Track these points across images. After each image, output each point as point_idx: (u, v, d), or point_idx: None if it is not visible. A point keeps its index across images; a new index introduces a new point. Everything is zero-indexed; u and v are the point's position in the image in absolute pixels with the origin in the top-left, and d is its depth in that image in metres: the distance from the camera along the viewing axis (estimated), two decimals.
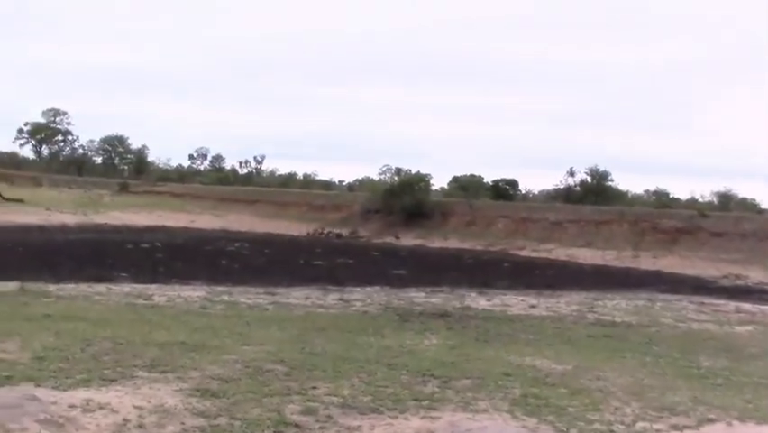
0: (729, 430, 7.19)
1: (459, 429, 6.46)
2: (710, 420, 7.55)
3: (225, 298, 15.91)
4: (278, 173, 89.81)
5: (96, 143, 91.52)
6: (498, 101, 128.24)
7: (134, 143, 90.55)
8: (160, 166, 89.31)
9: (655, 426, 7.28)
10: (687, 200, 57.57)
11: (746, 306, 19.59)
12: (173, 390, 7.56)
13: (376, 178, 74.51)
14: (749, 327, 15.53)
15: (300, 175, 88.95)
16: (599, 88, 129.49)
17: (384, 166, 79.32)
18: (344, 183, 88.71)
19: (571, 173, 57.42)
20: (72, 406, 6.58)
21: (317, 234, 46.52)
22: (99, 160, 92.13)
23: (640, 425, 7.29)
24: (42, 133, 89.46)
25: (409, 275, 24.26)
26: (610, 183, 57.15)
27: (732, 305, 19.61)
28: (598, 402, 8.07)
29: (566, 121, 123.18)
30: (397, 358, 9.92)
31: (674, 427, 7.28)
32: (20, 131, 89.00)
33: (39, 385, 7.27)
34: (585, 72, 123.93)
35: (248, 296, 16.45)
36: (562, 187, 58.44)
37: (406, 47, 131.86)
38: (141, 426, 6.32)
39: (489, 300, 18.04)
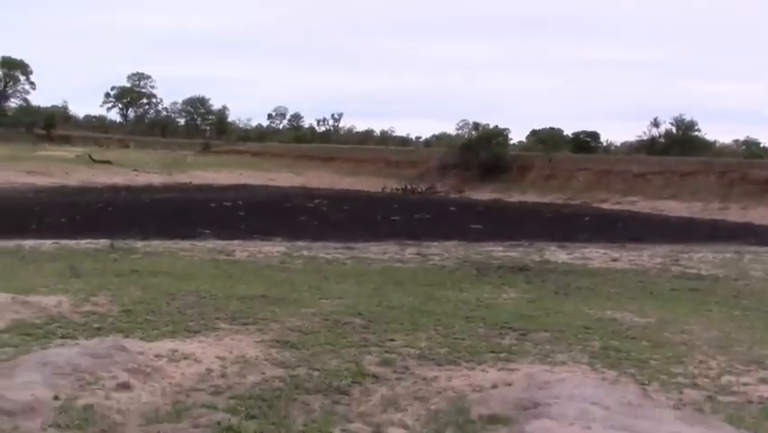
0: None
1: (536, 381, 6.39)
2: None
3: (304, 253, 16.14)
4: (355, 130, 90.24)
5: (178, 106, 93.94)
6: (576, 52, 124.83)
7: (215, 105, 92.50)
8: (240, 126, 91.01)
9: (742, 379, 7.04)
10: None
11: None
12: (254, 341, 7.74)
13: (453, 133, 73.99)
14: None
15: (377, 132, 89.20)
16: (684, 35, 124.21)
17: (461, 121, 78.77)
18: (421, 139, 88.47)
19: (656, 124, 55.65)
20: (158, 356, 6.81)
21: (394, 190, 46.60)
22: (182, 121, 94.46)
23: (726, 378, 7.07)
24: (128, 96, 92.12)
25: (487, 230, 24.07)
26: (696, 133, 55.15)
27: None
28: (682, 356, 7.87)
29: (650, 69, 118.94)
30: (475, 311, 9.89)
31: (763, 380, 7.02)
32: (107, 95, 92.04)
33: (127, 336, 7.57)
34: (668, 19, 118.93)
35: (326, 251, 16.64)
36: (645, 138, 56.79)
37: (483, 1, 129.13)
38: (223, 375, 6.50)
39: (569, 254, 17.75)
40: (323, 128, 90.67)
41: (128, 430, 5.10)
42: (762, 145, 59.84)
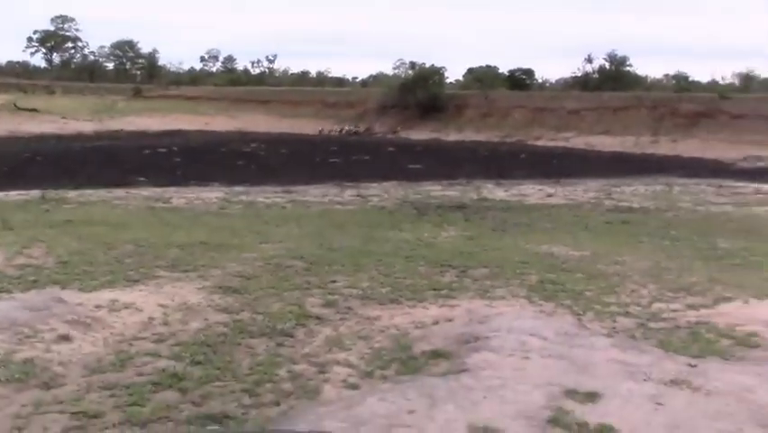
0: (746, 307, 7.24)
1: (476, 316, 6.56)
2: (727, 299, 7.60)
3: (243, 198, 15.99)
4: (290, 72, 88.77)
5: (106, 49, 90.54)
6: None
7: (145, 48, 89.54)
8: (172, 70, 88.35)
9: (672, 306, 7.34)
10: (707, 83, 56.39)
11: (766, 187, 19.45)
12: (195, 288, 7.70)
13: (390, 73, 73.41)
14: None
15: (313, 73, 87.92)
16: None
17: (398, 61, 77.98)
18: (358, 80, 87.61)
19: (589, 60, 56.15)
20: (98, 306, 6.73)
21: (332, 132, 46.28)
22: (110, 66, 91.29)
23: (656, 306, 7.36)
24: (52, 40, 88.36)
25: (425, 169, 24.21)
26: (629, 69, 55.96)
27: (751, 186, 19.49)
28: (615, 286, 8.14)
29: (582, 6, 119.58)
30: (415, 250, 10.00)
31: (690, 306, 7.34)
32: (29, 39, 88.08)
33: (64, 288, 7.43)
34: None
35: (265, 195, 16.53)
36: (579, 74, 57.32)
37: None
38: (166, 323, 6.47)
39: (506, 191, 18.03)
40: (257, 70, 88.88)
41: (70, 381, 5.06)
42: (690, 79, 61.11)
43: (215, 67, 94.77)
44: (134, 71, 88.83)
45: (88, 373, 5.21)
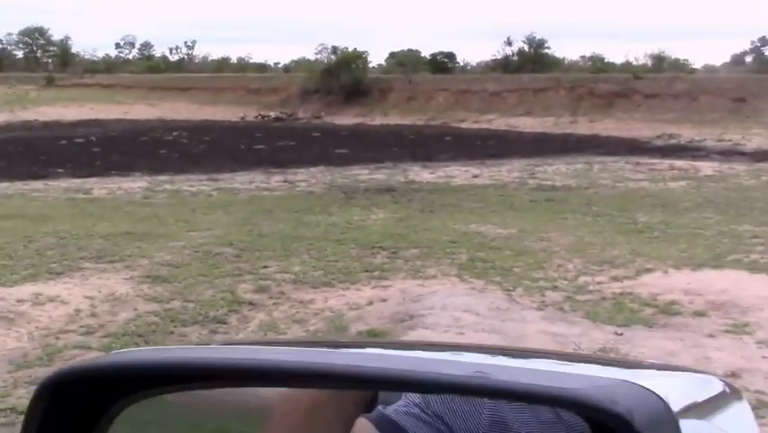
0: (666, 277, 7.53)
1: (410, 295, 6.62)
2: (648, 270, 7.89)
3: (167, 187, 15.68)
4: (210, 59, 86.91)
5: (14, 37, 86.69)
6: None
7: (56, 35, 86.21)
8: (86, 57, 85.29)
9: (597, 278, 7.58)
10: (622, 64, 57.94)
11: (679, 163, 20.19)
12: (123, 278, 7.53)
13: (312, 58, 72.87)
14: (682, 183, 16.07)
15: (234, 59, 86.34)
16: None
17: (320, 45, 77.63)
18: (280, 65, 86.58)
19: (509, 42, 57.12)
20: (21, 300, 6.51)
21: (256, 119, 45.70)
22: (20, 54, 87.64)
23: (582, 279, 7.58)
24: None
25: (351, 153, 24.18)
26: (547, 51, 57.14)
27: (666, 163, 20.19)
28: (542, 261, 8.34)
29: None
30: (346, 234, 10.02)
31: (614, 278, 7.59)
32: None
33: None
34: None
35: (190, 184, 16.24)
36: (499, 57, 58.24)
37: None
38: (93, 314, 6.30)
39: (432, 173, 18.19)
40: (176, 57, 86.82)
41: None
42: (606, 60, 62.79)
43: (132, 54, 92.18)
44: (46, 59, 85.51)
45: (14, 369, 5.04)
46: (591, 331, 5.61)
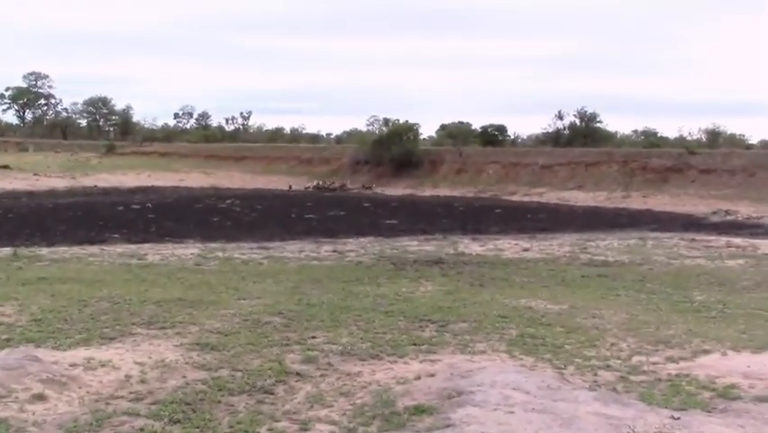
0: (724, 360, 7.30)
1: (458, 371, 6.53)
2: (705, 351, 7.66)
3: (219, 254, 15.92)
4: (264, 129, 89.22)
5: (79, 106, 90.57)
6: (483, 46, 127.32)
7: (118, 104, 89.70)
8: (146, 126, 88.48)
9: (651, 359, 7.39)
10: (675, 139, 57.62)
11: (736, 240, 19.76)
12: (173, 345, 7.61)
13: (364, 129, 74.31)
14: (740, 261, 15.69)
15: (287, 129, 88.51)
16: (585, 31, 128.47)
17: (371, 117, 79.15)
18: (332, 136, 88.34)
19: (560, 116, 57.31)
20: (73, 365, 6.61)
21: (307, 188, 46.42)
22: (84, 122, 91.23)
23: (636, 359, 7.40)
24: (25, 97, 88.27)
25: (401, 224, 24.31)
26: (599, 125, 57.11)
27: (722, 240, 19.78)
28: (594, 339, 8.18)
29: (553, 64, 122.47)
30: (394, 305, 10.01)
31: (670, 359, 7.38)
32: (1, 96, 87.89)
33: (39, 346, 7.30)
34: (569, 14, 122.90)
35: (241, 251, 16.47)
36: (550, 130, 58.39)
37: None
38: (143, 381, 6.36)
39: (482, 246, 18.14)
40: (231, 127, 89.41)
41: None
42: (659, 135, 62.52)
43: (189, 123, 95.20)
44: (108, 128, 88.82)
45: None
46: (646, 414, 5.43)
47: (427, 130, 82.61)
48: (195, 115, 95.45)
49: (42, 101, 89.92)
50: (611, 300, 10.79)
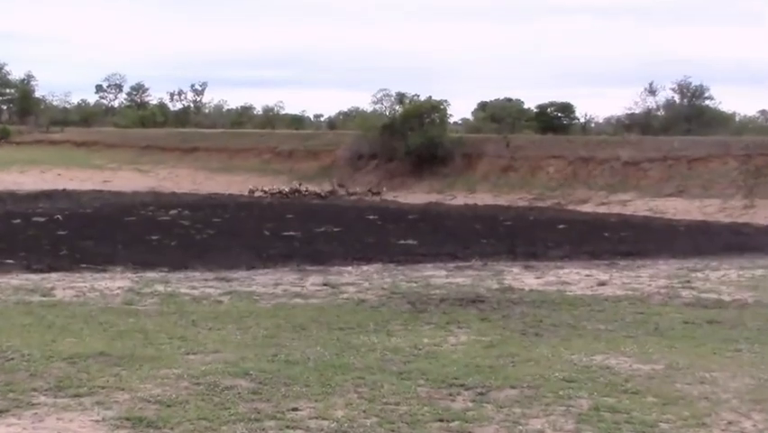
0: None
1: None
2: None
3: (160, 288, 15.96)
4: (226, 108, 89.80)
5: None
6: None
7: (14, 73, 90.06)
8: (55, 104, 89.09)
9: None
10: None
11: None
12: (91, 420, 7.62)
13: (368, 109, 74.40)
14: None
15: (259, 109, 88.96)
16: None
17: (380, 91, 78.99)
18: (323, 119, 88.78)
19: (651, 91, 57.43)
20: None
21: (287, 194, 46.50)
22: None
23: None
24: None
25: (422, 246, 24.29)
26: (708, 102, 57.10)
27: None
28: (703, 415, 8.14)
29: (640, 17, 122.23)
30: (411, 364, 9.99)
31: None
32: None
33: None
34: None
35: (192, 284, 16.50)
36: (638, 111, 58.44)
37: None
38: None
39: (538, 278, 18.12)
40: (179, 105, 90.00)
41: None
42: None
43: (118, 100, 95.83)
44: (0, 106, 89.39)
45: None
46: None
47: (460, 110, 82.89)
48: (125, 89, 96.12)
49: None
50: (728, 358, 10.73)
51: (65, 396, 8.37)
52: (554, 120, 60.83)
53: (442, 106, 54.55)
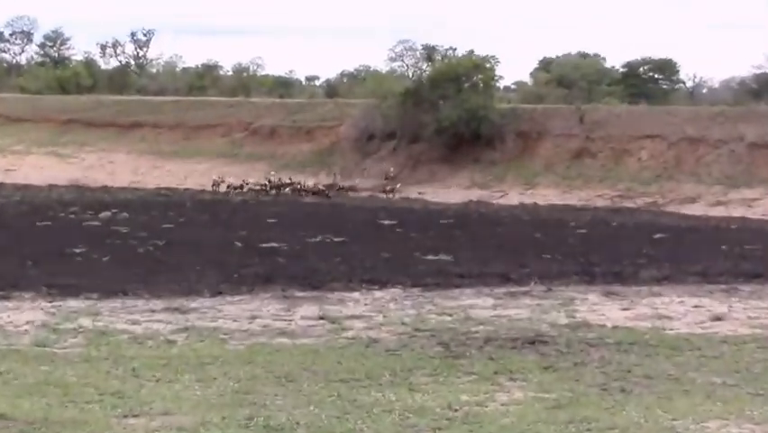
0: None
1: None
2: None
3: (86, 323, 15.99)
4: (182, 66, 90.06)
5: None
6: None
7: None
8: None
9: None
10: None
11: None
12: None
13: (383, 69, 74.37)
14: None
15: (227, 68, 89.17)
16: None
17: (399, 44, 79.10)
18: (318, 83, 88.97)
19: None
20: None
21: (266, 188, 46.48)
22: None
23: None
24: None
25: (460, 263, 24.31)
26: None
27: None
28: None
29: None
30: (444, 432, 9.96)
31: None
32: None
33: None
34: None
35: (132, 317, 16.54)
36: (764, 71, 58.30)
37: None
38: None
39: (626, 309, 18.11)
40: (113, 62, 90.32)
41: None
42: None
43: (26, 54, 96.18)
44: None
45: None
46: None
47: (513, 70, 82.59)
48: (36, 38, 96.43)
49: None
50: None
51: None
52: (649, 84, 60.79)
53: (488, 65, 54.55)
